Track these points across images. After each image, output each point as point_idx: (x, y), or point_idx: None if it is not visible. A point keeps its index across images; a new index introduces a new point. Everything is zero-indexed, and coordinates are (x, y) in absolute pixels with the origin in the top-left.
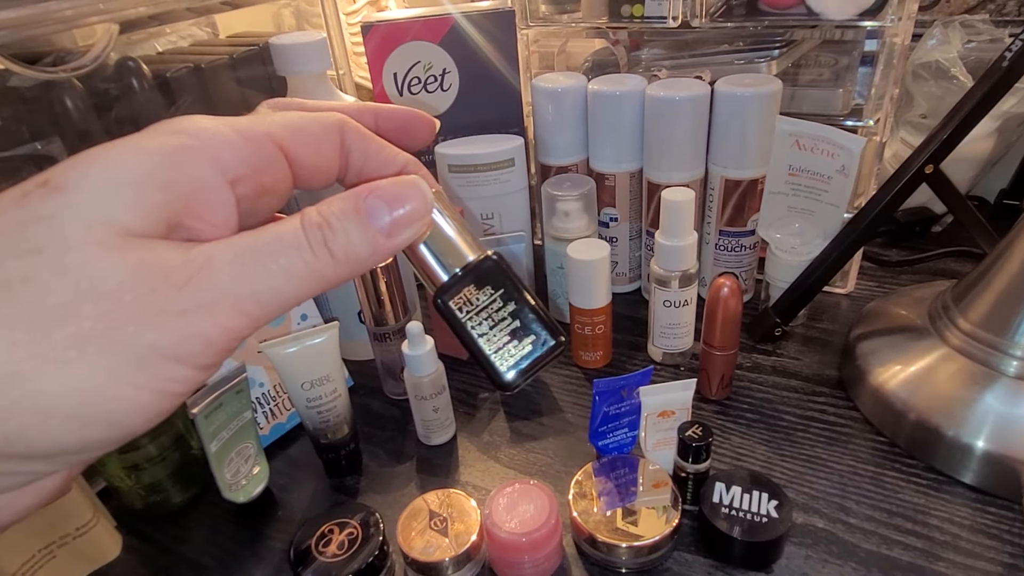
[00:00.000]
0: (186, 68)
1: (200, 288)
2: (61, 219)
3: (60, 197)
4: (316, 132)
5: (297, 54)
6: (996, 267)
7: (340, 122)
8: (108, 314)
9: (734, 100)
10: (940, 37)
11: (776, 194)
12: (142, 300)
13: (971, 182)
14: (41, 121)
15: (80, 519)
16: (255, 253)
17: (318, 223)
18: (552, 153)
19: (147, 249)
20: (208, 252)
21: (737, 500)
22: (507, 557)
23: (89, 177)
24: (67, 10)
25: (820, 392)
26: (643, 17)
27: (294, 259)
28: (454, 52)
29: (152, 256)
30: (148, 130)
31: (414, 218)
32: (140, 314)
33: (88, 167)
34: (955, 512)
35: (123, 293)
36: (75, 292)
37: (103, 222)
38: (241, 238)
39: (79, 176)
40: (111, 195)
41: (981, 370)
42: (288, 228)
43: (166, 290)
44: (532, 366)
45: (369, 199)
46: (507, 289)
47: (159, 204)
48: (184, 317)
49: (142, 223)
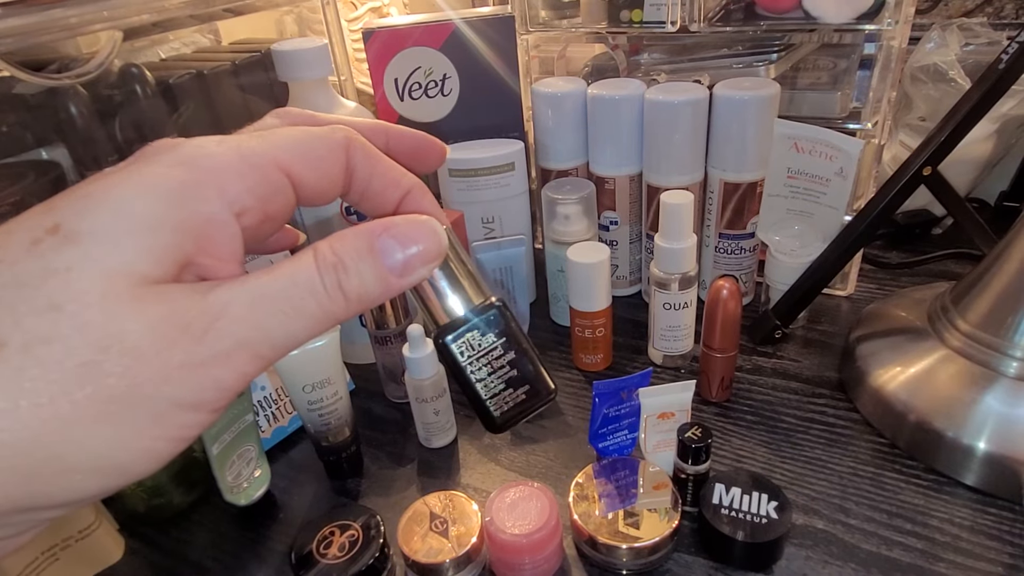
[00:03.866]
0: (189, 75)
1: (218, 338)
2: (78, 272)
3: (75, 248)
4: (323, 155)
5: (299, 60)
6: (995, 268)
7: (347, 141)
8: (130, 371)
9: (733, 104)
10: (938, 40)
11: (775, 197)
12: (163, 355)
13: (971, 184)
14: (45, 128)
15: (83, 522)
16: (271, 300)
17: (333, 264)
18: (552, 157)
19: (165, 299)
20: (224, 300)
21: (737, 501)
22: (507, 559)
23: (102, 222)
24: (71, 17)
25: (820, 394)
26: (642, 22)
27: (309, 303)
28: (455, 57)
29: (170, 307)
30: (151, 157)
31: (427, 259)
32: (162, 369)
33: (98, 210)
34: (955, 513)
35: (145, 349)
36: (97, 350)
37: (120, 272)
38: (256, 283)
39: (92, 222)
40: (126, 242)
41: (981, 371)
42: (302, 270)
43: (186, 343)
44: (522, 414)
45: (383, 238)
46: (509, 338)
47: (172, 246)
48: (203, 367)
49: (157, 268)
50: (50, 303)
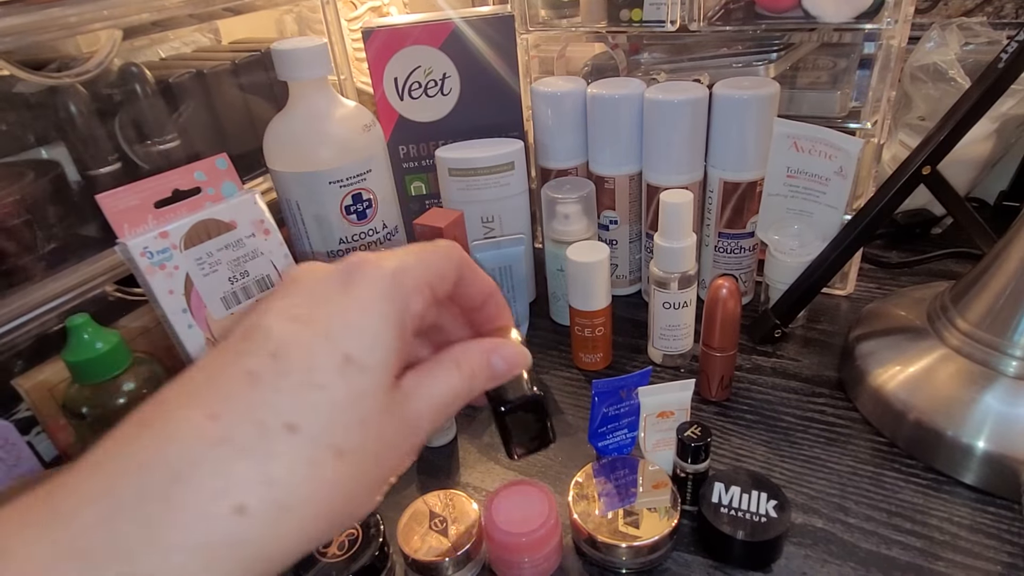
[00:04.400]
0: (189, 74)
1: (420, 437)
2: (362, 390)
3: (362, 375)
4: (447, 272)
5: (298, 59)
6: (994, 267)
7: (460, 259)
8: (387, 461)
9: (732, 103)
10: (938, 39)
11: (774, 196)
12: (393, 449)
13: (971, 184)
14: (45, 127)
15: None
16: (444, 407)
17: (469, 375)
18: (552, 157)
19: (402, 408)
20: (419, 412)
21: (736, 500)
22: (506, 557)
23: (369, 348)
24: (71, 16)
25: (820, 393)
26: (642, 21)
27: (459, 402)
28: (454, 57)
29: (405, 415)
30: (365, 275)
31: (515, 371)
32: (397, 460)
33: (363, 337)
34: (954, 512)
35: (398, 445)
36: (359, 444)
37: (381, 386)
38: (438, 397)
39: (361, 349)
40: (384, 361)
41: (980, 370)
42: (458, 384)
43: (412, 439)
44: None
45: (495, 358)
46: (539, 414)
47: (400, 364)
48: (408, 456)
49: (393, 382)
50: (332, 403)
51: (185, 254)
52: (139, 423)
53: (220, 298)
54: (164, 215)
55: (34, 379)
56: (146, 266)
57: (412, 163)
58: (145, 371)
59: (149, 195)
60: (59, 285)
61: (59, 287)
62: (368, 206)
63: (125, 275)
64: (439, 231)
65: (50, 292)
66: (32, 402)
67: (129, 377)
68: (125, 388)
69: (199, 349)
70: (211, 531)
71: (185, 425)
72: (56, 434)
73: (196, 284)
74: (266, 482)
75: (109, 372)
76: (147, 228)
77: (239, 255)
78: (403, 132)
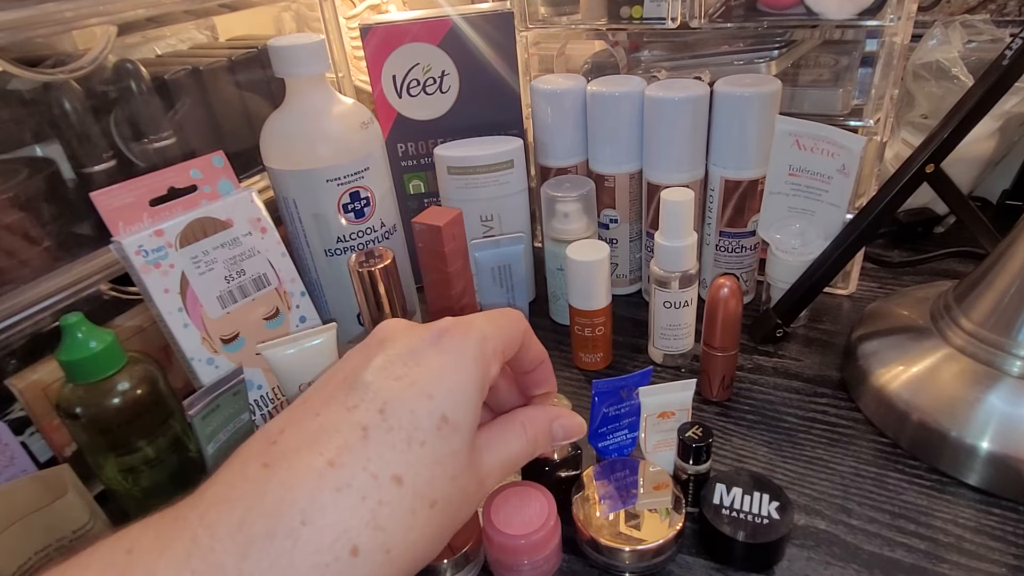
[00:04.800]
0: (185, 71)
1: (486, 491)
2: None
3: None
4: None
5: (295, 56)
6: (998, 266)
7: (526, 330)
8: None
9: (734, 100)
10: (941, 37)
11: (776, 194)
12: (472, 500)
13: (973, 182)
14: (40, 123)
15: (77, 522)
16: (509, 465)
17: (533, 439)
18: (551, 155)
19: (477, 464)
20: (488, 469)
21: (738, 502)
22: (506, 559)
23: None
24: (66, 12)
25: (822, 393)
26: (642, 18)
27: (522, 463)
28: (453, 54)
29: (479, 470)
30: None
31: (572, 440)
32: (469, 510)
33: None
34: (959, 513)
35: (471, 497)
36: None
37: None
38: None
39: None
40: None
41: (984, 370)
42: (524, 447)
43: (481, 492)
44: None
45: (555, 426)
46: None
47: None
48: (475, 508)
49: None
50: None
51: (180, 252)
52: (262, 464)
53: (216, 297)
54: (159, 213)
55: (28, 379)
56: (141, 264)
57: (410, 161)
58: (140, 371)
59: (144, 193)
60: (53, 284)
61: (53, 286)
62: (366, 204)
63: (120, 274)
64: (438, 230)
65: (44, 291)
66: (26, 402)
67: (123, 377)
68: (119, 388)
69: (194, 348)
70: (329, 568)
71: (309, 471)
72: (50, 434)
73: (192, 283)
74: (376, 527)
75: (103, 372)
76: (142, 226)
77: (235, 253)
78: (401, 130)
